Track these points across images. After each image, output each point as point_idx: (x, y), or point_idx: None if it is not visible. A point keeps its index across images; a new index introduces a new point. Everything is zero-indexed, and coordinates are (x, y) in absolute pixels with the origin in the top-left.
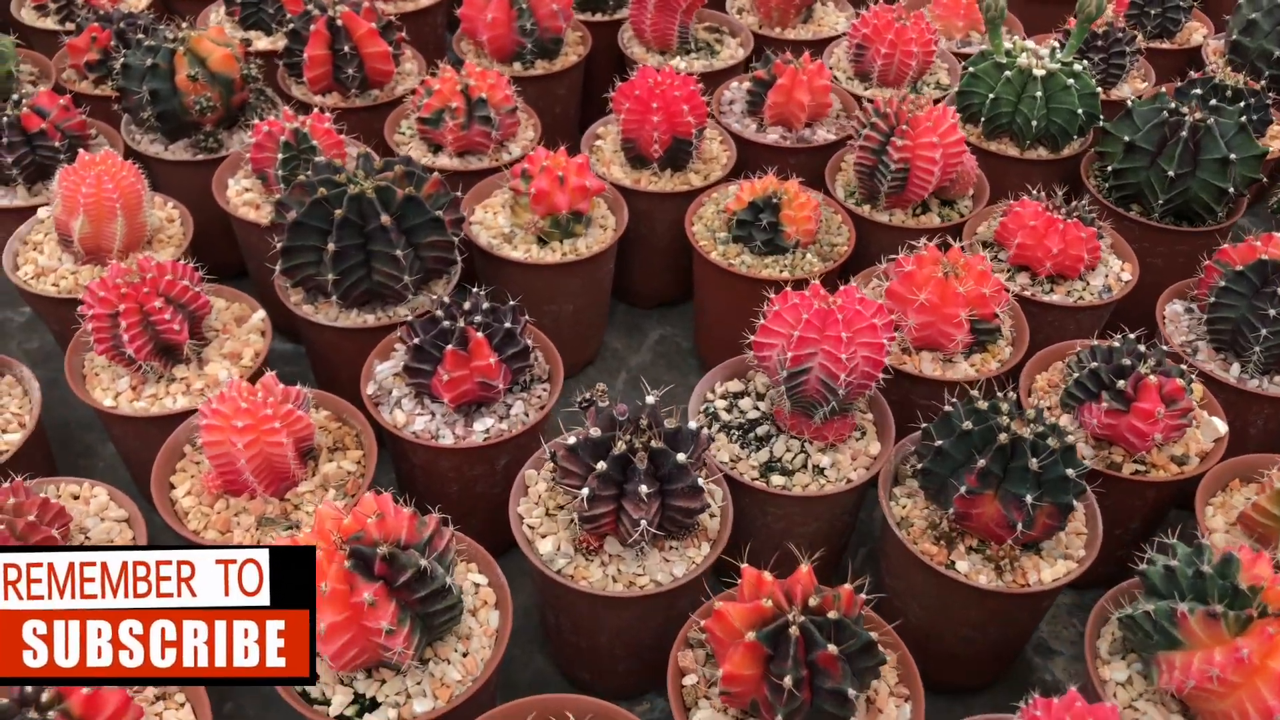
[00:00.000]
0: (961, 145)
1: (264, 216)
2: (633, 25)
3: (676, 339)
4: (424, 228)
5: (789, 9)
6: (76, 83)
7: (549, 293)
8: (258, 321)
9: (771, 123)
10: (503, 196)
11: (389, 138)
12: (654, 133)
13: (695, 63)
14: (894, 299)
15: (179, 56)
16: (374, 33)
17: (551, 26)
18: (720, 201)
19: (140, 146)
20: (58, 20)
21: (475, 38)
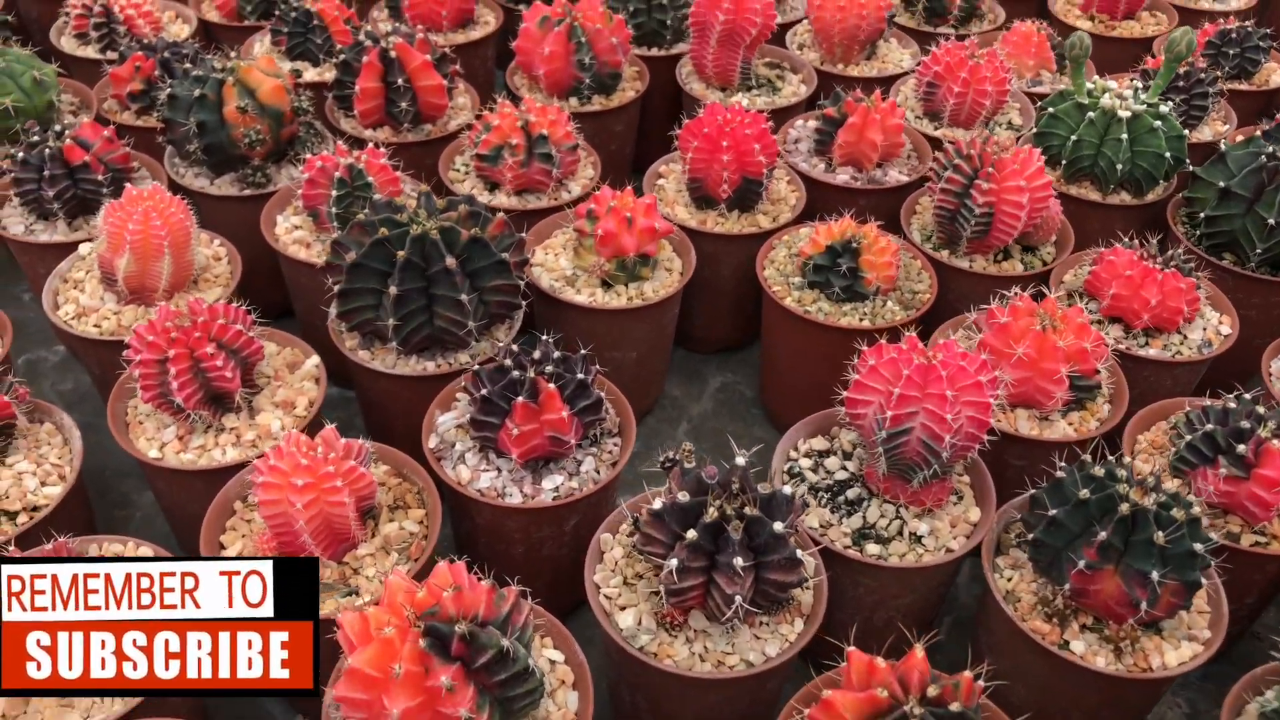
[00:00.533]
0: (1048, 190)
1: (315, 255)
2: (693, 61)
3: (739, 387)
4: (489, 271)
5: (853, 45)
6: (119, 113)
7: (613, 339)
8: (311, 368)
9: (841, 163)
10: (564, 237)
11: (443, 174)
12: (723, 172)
13: (757, 99)
14: (988, 352)
15: (228, 87)
16: (428, 65)
17: (610, 61)
18: (793, 244)
19: (185, 180)
20: (99, 49)
21: (531, 72)
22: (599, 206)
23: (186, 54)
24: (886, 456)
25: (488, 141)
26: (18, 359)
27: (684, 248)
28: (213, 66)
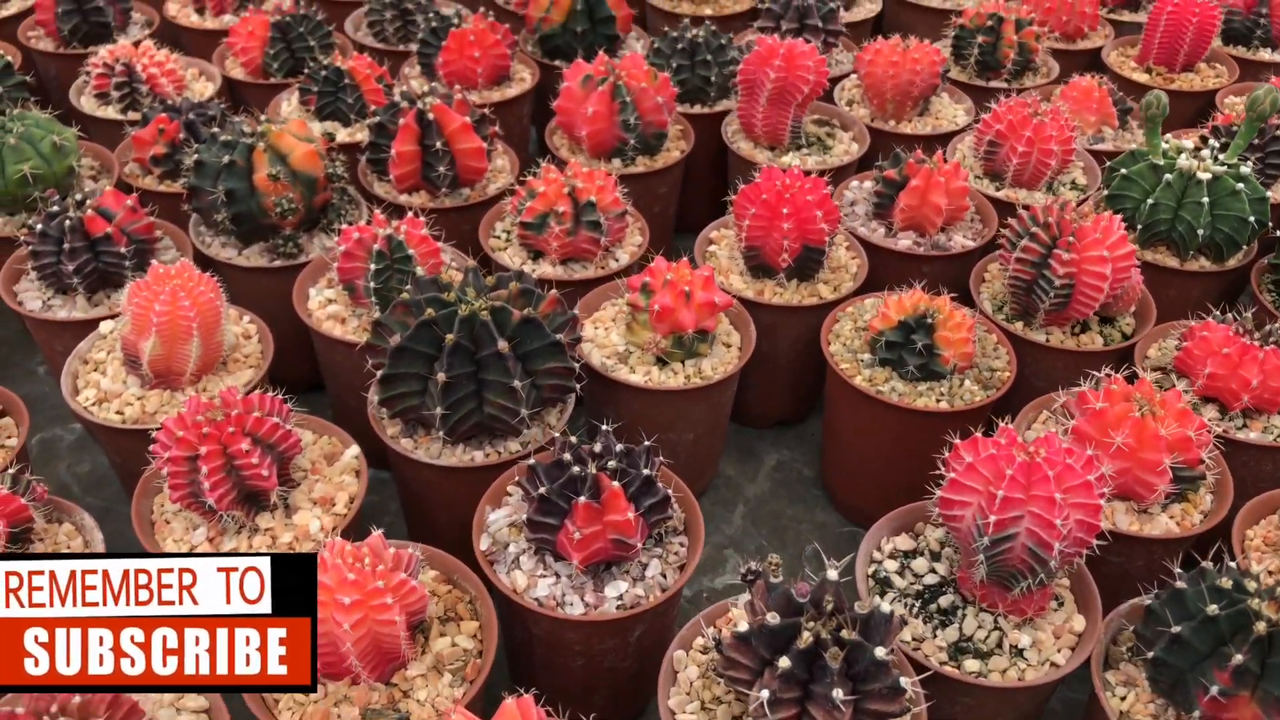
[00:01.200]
0: (1131, 259)
1: (351, 332)
2: (741, 119)
3: (797, 465)
4: (542, 353)
5: (905, 102)
6: (140, 178)
7: (669, 420)
8: (351, 460)
9: (903, 227)
10: (614, 309)
11: (484, 241)
12: (783, 240)
13: (808, 159)
14: (1082, 441)
15: (258, 153)
16: (468, 127)
17: (655, 121)
18: (858, 317)
19: (211, 250)
20: (120, 109)
21: (573, 133)
22: (654, 279)
23: (212, 115)
24: (988, 564)
25: (532, 209)
26: (32, 438)
27: (742, 321)
28: (242, 130)
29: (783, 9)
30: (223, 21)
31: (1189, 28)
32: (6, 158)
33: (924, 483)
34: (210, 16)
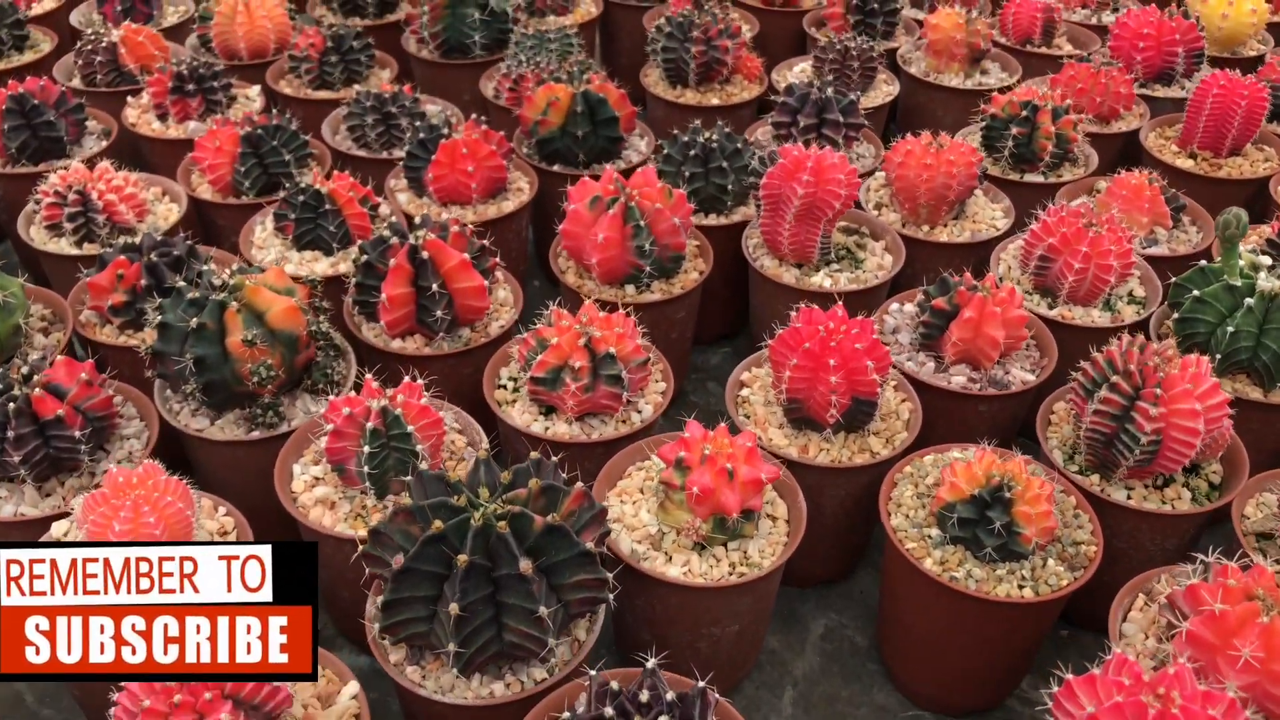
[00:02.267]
0: (1224, 408)
1: (342, 520)
2: (765, 236)
3: (847, 632)
4: (570, 565)
5: (940, 206)
6: (99, 328)
7: (712, 616)
8: (348, 701)
9: (954, 361)
10: (640, 475)
11: (488, 395)
12: (830, 395)
13: (839, 276)
14: (1200, 650)
15: (230, 314)
16: (466, 264)
17: (672, 244)
18: (918, 479)
19: (180, 419)
20: (74, 241)
21: (581, 259)
22: (690, 454)
23: (178, 255)
24: None
25: (544, 363)
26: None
27: (789, 490)
28: (211, 284)
29: (799, 103)
30: (187, 129)
31: (1237, 112)
32: None
33: (1002, 670)
34: (174, 123)
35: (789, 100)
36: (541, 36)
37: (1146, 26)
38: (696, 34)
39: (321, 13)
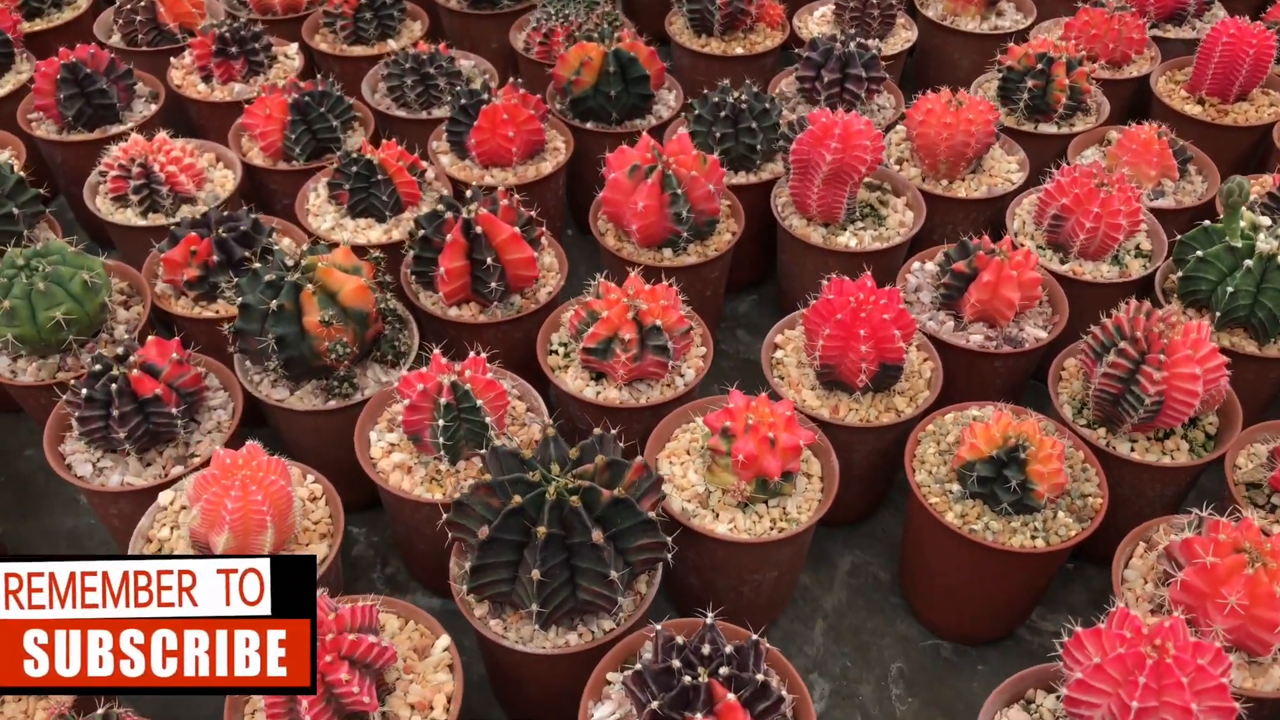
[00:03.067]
0: (1222, 370)
1: (420, 484)
2: (794, 198)
3: (871, 569)
4: (634, 531)
5: (959, 162)
6: (173, 300)
7: (754, 565)
8: (442, 654)
9: (972, 319)
10: (687, 438)
11: (542, 360)
12: (860, 362)
13: (864, 234)
14: (1192, 595)
15: (306, 295)
16: (517, 237)
17: (708, 209)
18: (940, 437)
19: (261, 390)
20: (140, 212)
21: (621, 224)
22: (735, 423)
23: (244, 230)
24: None
25: (595, 335)
26: None
27: (822, 450)
28: (283, 263)
29: (823, 57)
30: (232, 91)
31: (1245, 59)
32: (37, 304)
33: (1015, 606)
34: (218, 85)
35: (813, 55)
36: None
37: None
38: None
39: None
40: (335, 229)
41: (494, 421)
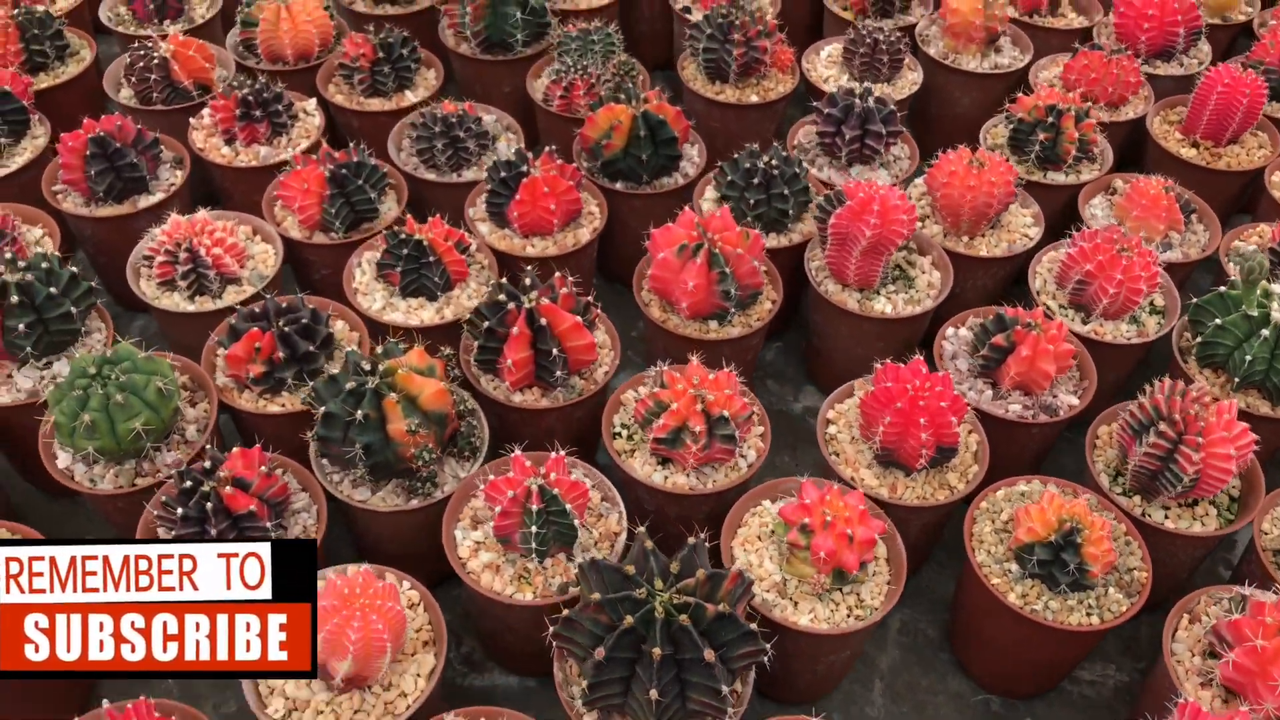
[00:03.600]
0: (1251, 446)
1: (509, 583)
2: (831, 266)
3: (920, 625)
4: (737, 642)
5: (981, 221)
6: (237, 394)
7: (832, 650)
8: None
9: (1009, 389)
10: (757, 523)
11: (609, 446)
12: (921, 448)
13: (896, 298)
14: (1243, 675)
15: (390, 404)
16: (579, 326)
17: (753, 284)
18: (994, 515)
19: (341, 490)
20: (187, 296)
21: (670, 299)
22: (812, 518)
23: (304, 321)
24: None
25: (665, 426)
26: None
27: (891, 536)
28: (359, 367)
29: (843, 114)
30: (258, 155)
31: (1239, 107)
32: (116, 416)
33: (1063, 666)
34: (242, 147)
35: (832, 111)
36: (585, 38)
37: (1151, 7)
38: (737, 36)
39: None
40: (386, 309)
41: (580, 521)
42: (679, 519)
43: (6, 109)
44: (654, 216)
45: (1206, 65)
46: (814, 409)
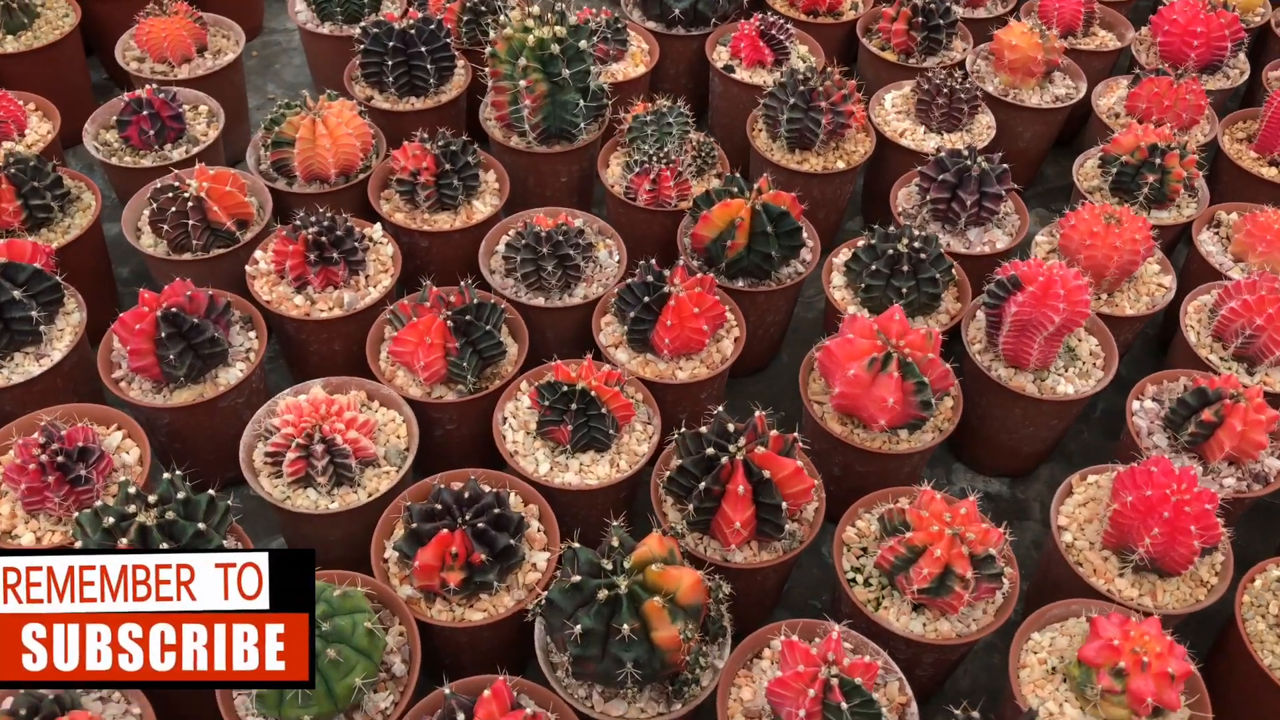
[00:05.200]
0: None
1: None
2: (1008, 353)
3: None
4: None
5: (1123, 278)
6: (425, 606)
7: None
8: None
9: (1217, 460)
10: (1035, 662)
11: (849, 593)
12: (1191, 555)
13: (1073, 375)
14: None
15: (654, 609)
16: (799, 471)
17: (944, 385)
18: (1260, 607)
19: (590, 706)
20: (325, 491)
21: (861, 415)
22: (1125, 660)
23: (496, 511)
24: None
25: (927, 574)
26: None
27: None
28: (599, 567)
29: (957, 178)
30: (342, 302)
31: None
32: (330, 675)
33: None
34: (316, 293)
35: (946, 177)
36: (660, 120)
37: (1196, 24)
38: (823, 104)
39: (368, 93)
40: (554, 470)
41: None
42: (934, 664)
43: (39, 289)
44: (776, 309)
45: (1246, 75)
46: (967, 489)
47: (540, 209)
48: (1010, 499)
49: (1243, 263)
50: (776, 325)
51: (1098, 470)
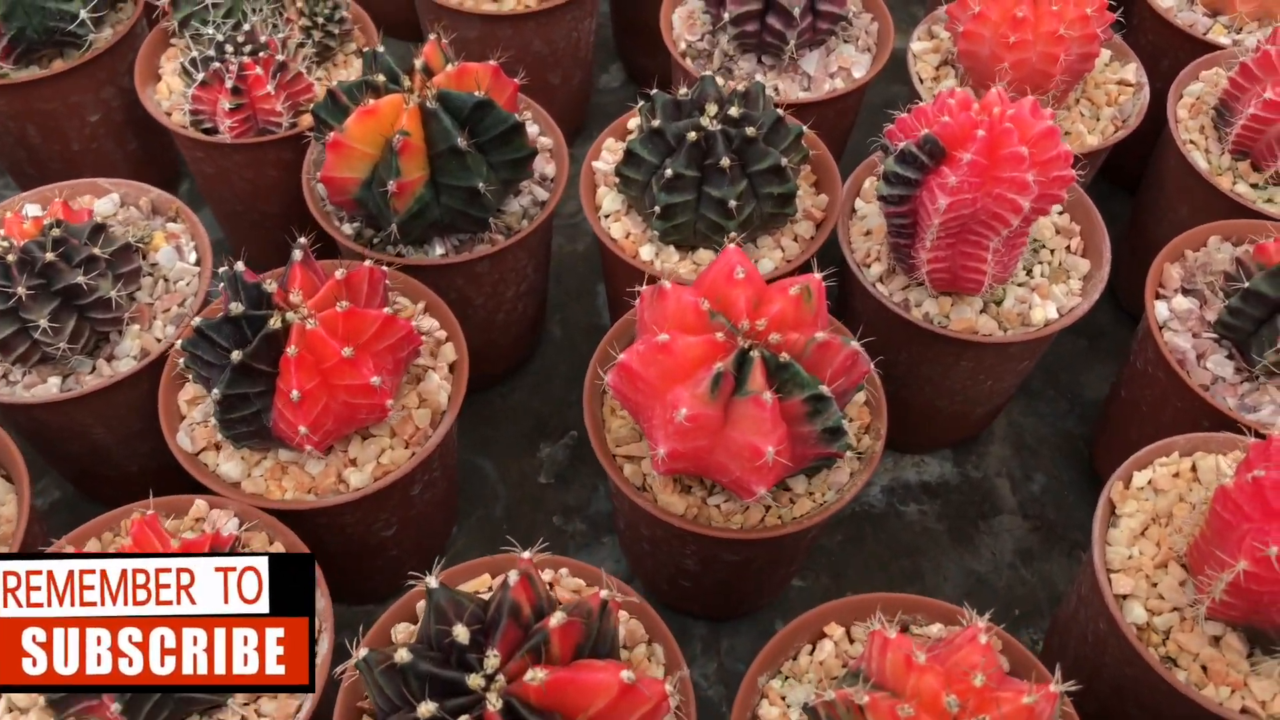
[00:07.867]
0: None
1: None
2: (936, 275)
3: None
4: None
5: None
6: None
7: None
8: None
9: None
10: None
11: None
12: None
13: (1047, 288)
14: None
15: None
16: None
17: (852, 382)
18: None
19: None
20: None
21: (725, 482)
22: None
23: None
24: None
25: None
26: None
27: None
28: None
29: None
30: None
31: None
32: None
33: None
34: None
35: None
36: None
37: None
38: None
39: None
40: None
41: None
42: None
43: None
44: (518, 276)
45: None
46: (906, 498)
47: (28, 193)
48: (963, 485)
49: (1223, 16)
50: (527, 300)
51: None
